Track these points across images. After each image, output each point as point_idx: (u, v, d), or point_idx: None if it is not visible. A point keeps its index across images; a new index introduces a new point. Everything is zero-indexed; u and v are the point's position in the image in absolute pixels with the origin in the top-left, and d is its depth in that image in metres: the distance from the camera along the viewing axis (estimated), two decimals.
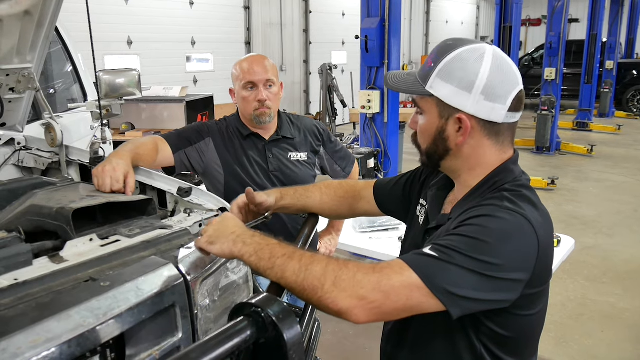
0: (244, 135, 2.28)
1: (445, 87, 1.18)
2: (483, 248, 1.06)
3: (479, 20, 20.47)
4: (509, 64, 1.19)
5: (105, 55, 7.61)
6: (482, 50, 1.17)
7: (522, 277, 1.09)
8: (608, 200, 6.92)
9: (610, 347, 3.61)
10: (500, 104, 1.17)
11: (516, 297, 1.10)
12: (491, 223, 1.09)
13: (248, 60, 2.25)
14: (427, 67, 1.22)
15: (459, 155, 1.23)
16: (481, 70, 1.15)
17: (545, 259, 1.13)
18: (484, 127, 1.19)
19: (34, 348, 0.98)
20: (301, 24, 12.13)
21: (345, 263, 1.08)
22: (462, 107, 1.17)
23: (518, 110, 1.20)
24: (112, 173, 1.72)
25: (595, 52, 11.61)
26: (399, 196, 1.55)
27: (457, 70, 1.17)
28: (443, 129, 1.21)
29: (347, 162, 2.49)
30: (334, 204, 1.63)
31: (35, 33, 2.11)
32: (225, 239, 1.20)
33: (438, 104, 1.20)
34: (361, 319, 1.04)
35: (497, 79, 1.16)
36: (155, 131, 6.26)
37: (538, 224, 1.12)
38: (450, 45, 1.20)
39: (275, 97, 2.24)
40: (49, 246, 1.40)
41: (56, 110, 3.49)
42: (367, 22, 4.97)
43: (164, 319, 1.26)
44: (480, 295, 1.05)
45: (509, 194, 1.16)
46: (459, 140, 1.20)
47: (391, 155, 5.26)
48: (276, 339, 0.96)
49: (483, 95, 1.15)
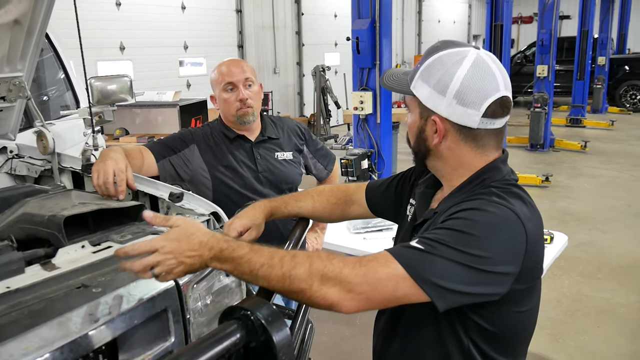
0: (230, 138, 2.29)
1: (424, 88, 1.20)
2: (470, 241, 1.06)
3: (471, 18, 20.52)
4: (491, 70, 1.16)
5: (97, 61, 7.60)
6: (463, 54, 1.17)
7: (510, 270, 1.09)
8: (602, 196, 6.95)
9: (606, 342, 3.63)
10: (473, 110, 1.16)
11: (505, 291, 1.10)
12: (478, 216, 1.10)
13: (225, 63, 2.28)
14: (415, 67, 1.24)
15: (439, 155, 1.24)
16: (456, 74, 1.16)
17: (534, 252, 1.13)
18: (459, 130, 1.19)
19: (26, 355, 0.99)
20: (293, 26, 12.13)
21: (330, 258, 1.08)
22: (436, 110, 1.19)
23: (498, 117, 1.18)
24: (115, 165, 1.73)
25: (587, 48, 11.66)
26: (390, 198, 1.56)
27: (435, 73, 1.18)
28: (422, 129, 1.23)
29: (328, 160, 2.56)
30: (326, 210, 1.64)
31: (25, 41, 2.12)
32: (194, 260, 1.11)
33: (419, 104, 1.23)
34: (351, 310, 1.07)
35: (472, 84, 1.15)
36: (149, 136, 6.26)
37: (526, 218, 1.12)
38: (438, 47, 1.22)
39: (256, 95, 2.25)
40: (41, 254, 1.41)
41: (49, 117, 3.49)
42: (358, 23, 4.98)
43: (156, 323, 1.27)
44: (467, 288, 1.06)
45: (498, 190, 1.16)
46: (435, 141, 1.22)
47: (385, 156, 5.26)
48: (266, 341, 0.98)
49: (455, 99, 1.16)
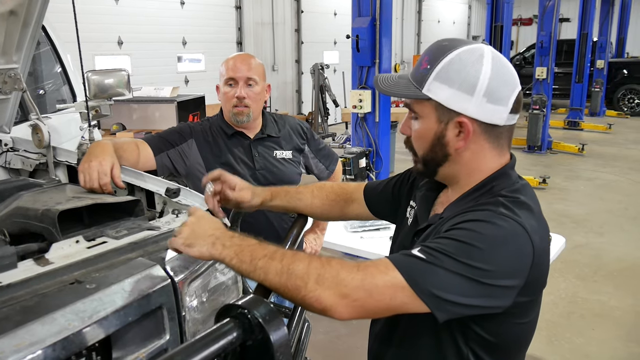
0: (229, 134, 2.26)
1: (444, 90, 1.14)
2: (474, 253, 1.03)
3: (471, 19, 20.53)
4: (508, 65, 1.16)
5: (95, 55, 7.57)
6: (480, 51, 1.14)
7: (514, 283, 1.06)
8: (599, 199, 6.95)
9: (601, 345, 3.63)
10: (502, 106, 1.14)
11: (509, 304, 1.07)
12: (484, 229, 1.06)
13: (234, 57, 2.24)
14: (422, 70, 1.17)
15: (458, 160, 1.19)
16: (482, 71, 1.12)
17: (539, 265, 1.11)
18: (485, 130, 1.16)
19: (17, 352, 0.97)
20: (293, 23, 12.11)
21: (328, 261, 1.06)
22: (463, 111, 1.14)
23: (517, 112, 1.18)
24: (99, 167, 1.70)
25: (586, 51, 11.66)
26: (388, 198, 1.53)
27: (457, 72, 1.13)
28: (442, 133, 1.17)
29: (330, 160, 2.50)
30: (325, 207, 1.61)
31: (21, 33, 2.09)
32: (203, 241, 1.15)
33: (437, 108, 1.16)
34: (344, 316, 1.04)
35: (499, 80, 1.13)
36: (146, 131, 6.22)
37: (533, 230, 1.09)
38: (446, 46, 1.16)
39: (256, 96, 2.20)
40: (34, 248, 1.39)
41: (45, 111, 3.48)
42: (358, 21, 4.98)
43: (151, 321, 1.25)
44: (468, 300, 1.03)
45: (505, 200, 1.13)
46: (460, 145, 1.16)
47: (383, 155, 5.26)
48: (263, 340, 0.95)
49: (485, 97, 1.12)
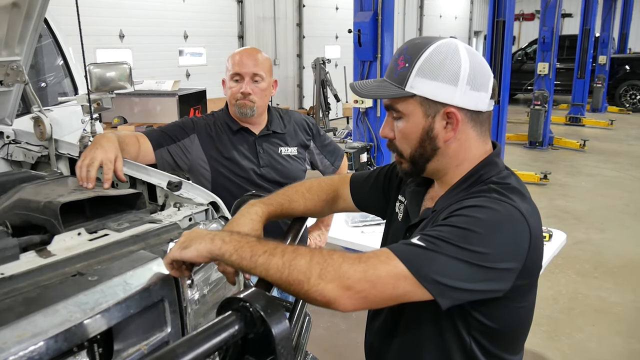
0: (234, 130, 2.24)
1: (428, 84, 1.17)
2: (472, 238, 1.05)
3: (473, 14, 20.47)
4: (479, 54, 1.22)
5: (97, 48, 7.55)
6: (454, 43, 1.19)
7: (513, 266, 1.08)
8: (600, 195, 6.94)
9: (601, 341, 3.63)
10: (484, 92, 1.19)
11: (508, 287, 1.09)
12: (481, 213, 1.08)
13: (241, 52, 2.21)
14: (401, 69, 1.19)
15: (446, 153, 1.21)
16: (462, 61, 1.16)
17: (536, 248, 1.13)
18: (471, 118, 1.20)
19: (19, 343, 0.97)
20: (294, 17, 12.08)
21: (330, 254, 1.06)
22: (449, 101, 1.17)
23: (494, 98, 1.23)
24: (104, 155, 1.70)
25: (588, 47, 11.64)
26: (377, 194, 1.52)
27: (438, 65, 1.16)
28: (431, 127, 1.19)
29: (336, 156, 2.50)
30: (317, 207, 1.60)
31: (24, 25, 2.09)
32: (201, 239, 1.14)
33: (422, 103, 1.18)
34: (348, 308, 1.04)
35: (477, 68, 1.17)
36: (147, 125, 6.23)
37: (529, 214, 1.11)
38: (419, 43, 1.19)
39: (261, 92, 2.19)
40: (37, 240, 1.39)
41: (47, 103, 3.48)
42: (360, 16, 4.96)
43: (153, 313, 1.25)
44: (470, 285, 1.05)
45: (497, 187, 1.15)
46: (449, 136, 1.19)
47: (384, 150, 5.25)
48: (264, 333, 0.95)
49: (469, 85, 1.16)
